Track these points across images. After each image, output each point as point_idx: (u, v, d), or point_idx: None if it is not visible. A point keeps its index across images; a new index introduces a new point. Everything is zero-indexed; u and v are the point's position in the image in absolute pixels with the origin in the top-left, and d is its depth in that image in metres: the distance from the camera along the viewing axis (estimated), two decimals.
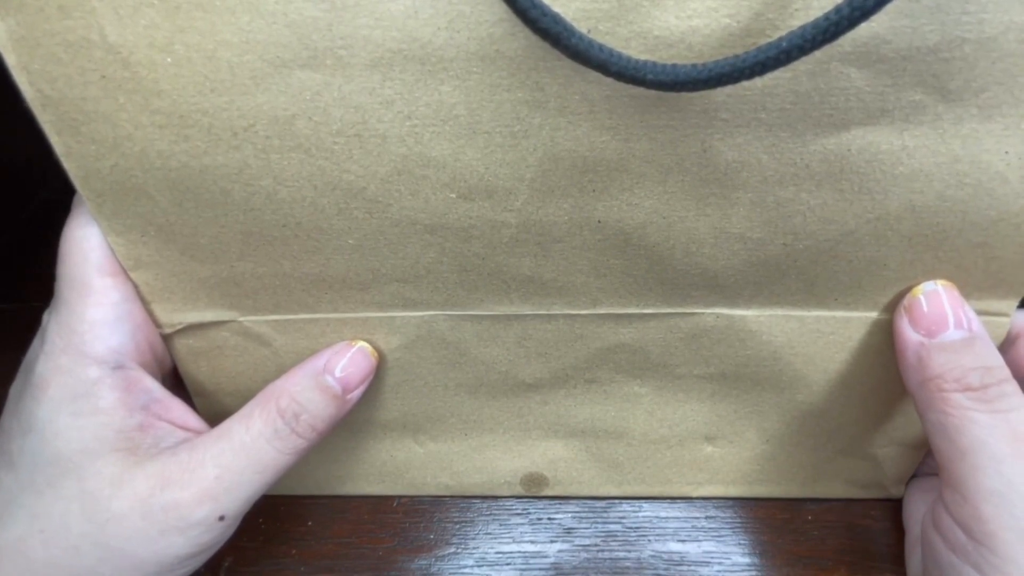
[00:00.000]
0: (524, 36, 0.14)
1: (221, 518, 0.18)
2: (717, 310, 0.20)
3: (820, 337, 0.20)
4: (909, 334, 0.18)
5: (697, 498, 0.24)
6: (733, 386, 0.22)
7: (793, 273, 0.19)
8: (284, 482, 0.24)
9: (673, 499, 0.24)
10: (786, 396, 0.22)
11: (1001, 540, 0.16)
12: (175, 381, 0.22)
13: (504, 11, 0.14)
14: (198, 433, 0.19)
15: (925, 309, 0.18)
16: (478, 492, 0.24)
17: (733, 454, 0.24)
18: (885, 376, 0.21)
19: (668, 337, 0.21)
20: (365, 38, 0.14)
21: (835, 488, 0.24)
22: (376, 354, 0.20)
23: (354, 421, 0.23)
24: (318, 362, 0.19)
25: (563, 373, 0.22)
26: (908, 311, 0.19)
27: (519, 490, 0.24)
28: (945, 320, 0.18)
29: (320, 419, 0.19)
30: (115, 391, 0.17)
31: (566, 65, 0.15)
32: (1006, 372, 0.17)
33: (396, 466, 0.24)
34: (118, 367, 0.18)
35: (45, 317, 0.18)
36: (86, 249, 0.17)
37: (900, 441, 0.23)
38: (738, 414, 0.23)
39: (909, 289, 0.19)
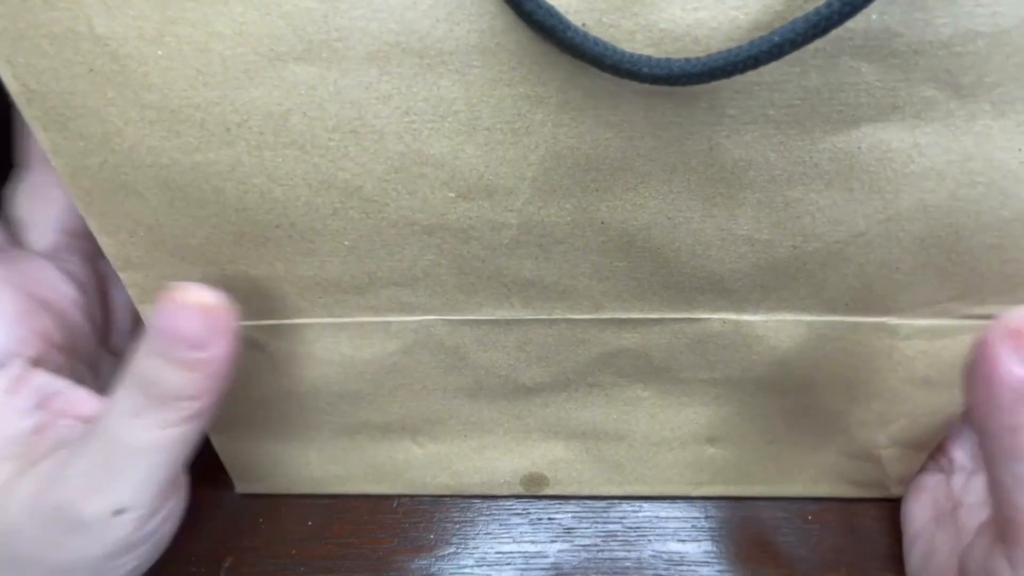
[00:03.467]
0: (525, 29, 0.14)
1: (117, 512, 0.16)
2: (724, 315, 0.19)
3: (828, 342, 0.20)
4: (1011, 367, 0.15)
5: (697, 497, 0.24)
6: (737, 390, 0.21)
7: (802, 277, 0.18)
8: (281, 481, 0.23)
9: (673, 499, 0.24)
10: (791, 399, 0.21)
11: None
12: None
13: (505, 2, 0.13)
14: None
15: None
16: (478, 492, 0.24)
17: (735, 455, 0.23)
18: (892, 379, 0.20)
19: (673, 342, 0.20)
20: (362, 30, 0.14)
21: (838, 488, 0.24)
22: (214, 297, 0.16)
23: (351, 423, 0.22)
24: (151, 334, 0.16)
25: (564, 377, 0.21)
26: (1015, 338, 0.15)
27: (519, 490, 0.24)
28: None
29: (193, 387, 0.16)
30: None
31: (569, 59, 0.14)
32: None
33: (395, 466, 0.23)
34: None
35: None
36: (25, 220, 0.16)
37: (904, 442, 0.22)
38: (742, 417, 0.22)
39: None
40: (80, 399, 0.17)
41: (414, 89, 0.15)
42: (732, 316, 0.19)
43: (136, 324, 0.18)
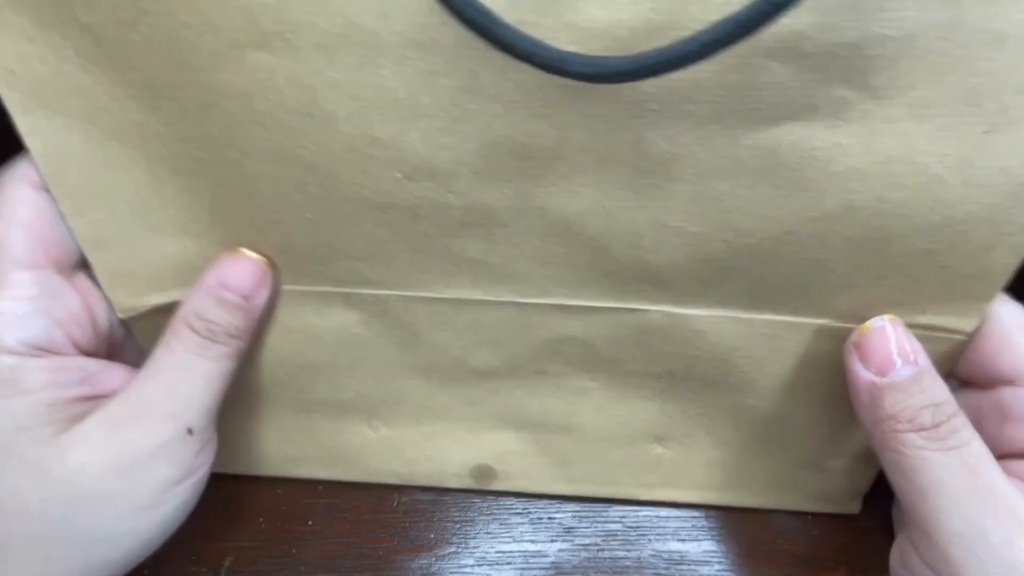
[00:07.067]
0: (457, 24, 0.15)
1: (189, 431, 0.18)
2: (663, 308, 0.20)
3: (768, 341, 0.20)
4: (861, 373, 0.18)
5: (647, 502, 0.24)
6: (682, 386, 0.22)
7: (737, 273, 0.19)
8: (235, 462, 0.24)
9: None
10: (735, 399, 0.22)
11: None
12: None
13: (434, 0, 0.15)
14: None
15: (874, 345, 0.18)
16: (427, 482, 0.24)
17: (683, 457, 0.23)
18: (836, 385, 0.20)
19: (615, 332, 0.21)
20: (309, 23, 0.15)
21: (790, 499, 0.24)
22: (264, 259, 0.20)
23: (309, 400, 0.23)
24: (209, 279, 0.19)
25: (513, 363, 0.22)
26: (858, 348, 0.19)
27: (469, 482, 0.24)
28: (893, 356, 0.18)
29: (235, 327, 0.19)
30: (43, 372, 0.17)
31: (500, 54, 0.15)
32: (954, 406, 0.18)
33: (349, 450, 0.24)
34: (37, 356, 0.17)
35: None
36: (5, 243, 0.17)
37: (853, 455, 0.22)
38: (687, 415, 0.23)
39: (852, 325, 0.19)
40: (116, 372, 0.19)
41: (359, 77, 0.16)
42: (672, 309, 0.20)
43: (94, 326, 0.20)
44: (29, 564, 0.17)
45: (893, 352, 0.18)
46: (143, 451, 0.18)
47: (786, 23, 0.14)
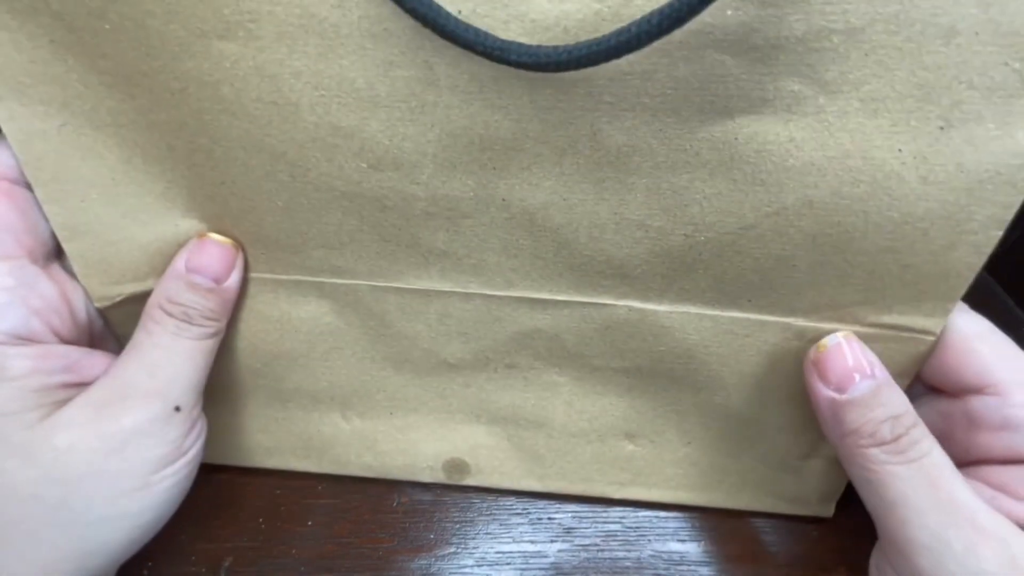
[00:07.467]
0: (407, 14, 0.15)
1: (177, 408, 0.18)
2: (629, 303, 0.20)
3: (735, 339, 0.20)
4: (821, 390, 0.19)
5: (620, 500, 0.24)
6: (650, 382, 0.22)
7: (700, 268, 0.19)
8: (214, 451, 0.23)
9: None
10: (703, 397, 0.22)
11: None
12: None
13: None
14: None
15: (832, 363, 0.18)
16: (400, 476, 0.25)
17: (655, 455, 0.23)
18: (804, 385, 0.20)
19: (582, 327, 0.21)
20: (269, 12, 0.16)
21: (761, 501, 0.23)
22: (232, 242, 0.20)
23: (284, 388, 0.23)
24: (179, 264, 0.20)
25: (483, 356, 0.22)
26: (816, 366, 0.19)
27: (441, 476, 0.24)
28: (851, 372, 0.18)
29: (209, 310, 0.20)
30: (26, 360, 0.17)
31: (452, 45, 0.16)
32: (913, 416, 0.18)
33: (322, 441, 0.24)
34: (19, 344, 0.18)
35: None
36: None
37: (825, 456, 0.22)
38: (656, 412, 0.22)
39: (816, 341, 0.19)
40: (98, 359, 0.19)
41: (320, 66, 0.16)
42: (637, 304, 0.20)
43: (72, 314, 0.20)
44: (24, 549, 0.17)
45: (853, 366, 0.18)
46: (130, 429, 0.18)
47: (733, 16, 0.14)
